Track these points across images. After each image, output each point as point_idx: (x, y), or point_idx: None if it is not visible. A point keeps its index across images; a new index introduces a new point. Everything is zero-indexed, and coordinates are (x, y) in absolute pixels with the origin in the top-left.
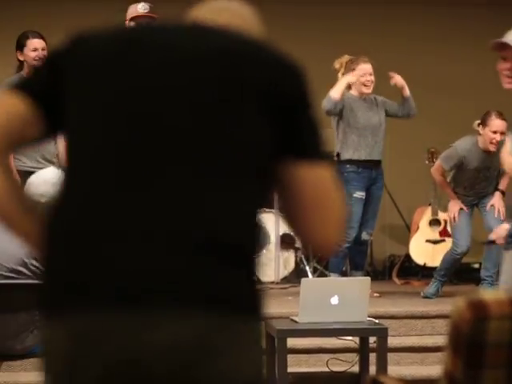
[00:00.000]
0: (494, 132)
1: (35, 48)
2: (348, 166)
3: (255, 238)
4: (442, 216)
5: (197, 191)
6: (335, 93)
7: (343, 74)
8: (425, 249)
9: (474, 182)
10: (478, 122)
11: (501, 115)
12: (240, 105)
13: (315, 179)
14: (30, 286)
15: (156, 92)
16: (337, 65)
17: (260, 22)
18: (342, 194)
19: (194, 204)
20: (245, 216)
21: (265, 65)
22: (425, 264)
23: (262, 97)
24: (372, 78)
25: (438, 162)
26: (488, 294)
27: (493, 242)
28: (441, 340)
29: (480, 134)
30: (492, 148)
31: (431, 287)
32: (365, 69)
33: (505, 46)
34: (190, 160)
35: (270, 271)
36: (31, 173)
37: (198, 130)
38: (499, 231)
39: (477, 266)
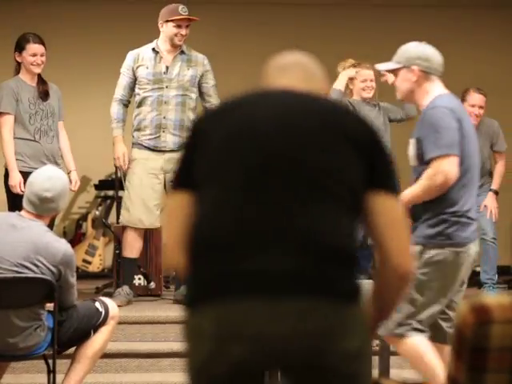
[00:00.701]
0: (473, 106)
1: (34, 53)
2: None
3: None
4: None
5: (318, 212)
6: (338, 85)
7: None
8: None
9: None
10: None
11: (479, 90)
12: (339, 148)
13: (389, 207)
14: (33, 281)
15: (279, 135)
16: (340, 68)
17: (323, 70)
18: (407, 221)
19: (316, 220)
20: (350, 229)
21: (352, 120)
22: None
23: (354, 143)
24: (373, 84)
25: None
26: (491, 298)
27: None
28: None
29: None
30: (472, 121)
31: None
32: (365, 75)
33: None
34: (307, 188)
35: None
36: None
37: (314, 167)
38: None
39: (479, 269)
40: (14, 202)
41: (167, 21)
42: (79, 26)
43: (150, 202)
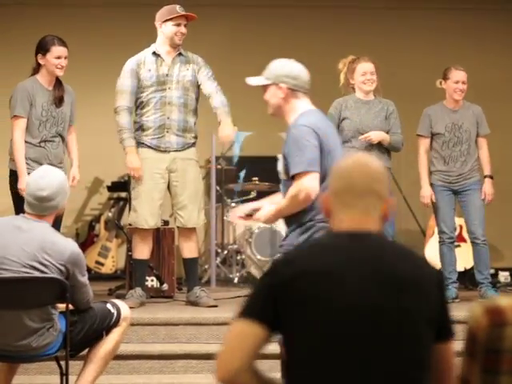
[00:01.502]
0: (456, 82)
1: (59, 56)
2: None
3: None
4: (457, 221)
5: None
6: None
7: (345, 74)
8: None
9: (448, 146)
10: (440, 80)
11: (460, 67)
12: (419, 320)
13: (449, 355)
14: (44, 281)
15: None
16: (340, 65)
17: (384, 169)
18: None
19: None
20: None
21: (435, 286)
22: (440, 269)
23: (434, 313)
24: (373, 77)
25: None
26: (505, 300)
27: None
28: (456, 345)
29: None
30: (457, 97)
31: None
32: (364, 68)
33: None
34: (390, 356)
35: None
36: None
37: (395, 340)
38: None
39: (492, 270)
40: (20, 205)
41: (166, 20)
42: (88, 29)
43: (154, 202)
